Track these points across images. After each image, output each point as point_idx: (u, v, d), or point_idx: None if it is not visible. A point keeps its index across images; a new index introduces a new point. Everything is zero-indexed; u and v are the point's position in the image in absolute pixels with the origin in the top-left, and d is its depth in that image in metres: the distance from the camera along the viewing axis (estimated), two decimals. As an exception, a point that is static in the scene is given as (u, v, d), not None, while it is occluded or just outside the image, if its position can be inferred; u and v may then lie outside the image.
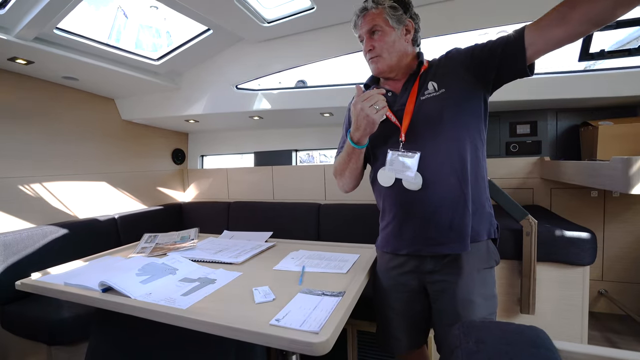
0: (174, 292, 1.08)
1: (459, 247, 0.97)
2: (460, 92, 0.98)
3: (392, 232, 1.08)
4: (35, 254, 1.82)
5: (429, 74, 1.04)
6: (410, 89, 1.04)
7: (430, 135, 0.99)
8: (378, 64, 1.06)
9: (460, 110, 0.98)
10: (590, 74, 1.86)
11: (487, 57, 0.93)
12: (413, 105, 1.01)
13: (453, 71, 1.00)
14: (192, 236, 1.81)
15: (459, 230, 0.97)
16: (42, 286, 1.18)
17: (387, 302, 1.13)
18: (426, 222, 0.99)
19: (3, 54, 1.70)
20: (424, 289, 1.07)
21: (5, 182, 1.88)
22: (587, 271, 1.41)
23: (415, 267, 1.05)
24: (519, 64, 0.89)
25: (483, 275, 1.02)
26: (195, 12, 1.67)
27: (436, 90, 1.00)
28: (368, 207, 2.33)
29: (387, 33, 1.02)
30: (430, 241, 1.00)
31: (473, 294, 0.99)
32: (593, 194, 2.08)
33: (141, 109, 2.55)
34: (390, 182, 1.03)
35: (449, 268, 1.00)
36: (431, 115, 0.98)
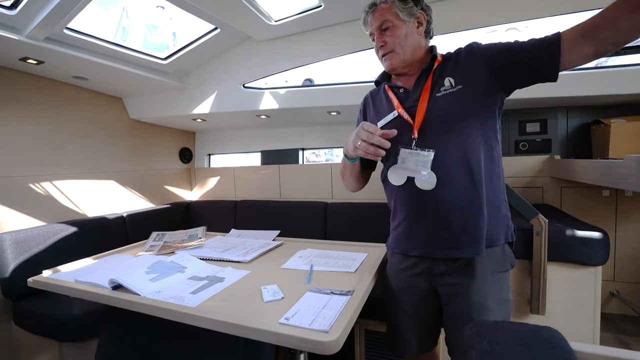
0: (183, 290, 1.08)
1: (472, 251, 0.93)
2: (479, 90, 0.94)
3: (403, 232, 1.06)
4: (46, 252, 1.85)
5: (445, 69, 0.99)
6: (423, 84, 1.00)
7: (444, 133, 0.95)
8: (392, 60, 1.02)
9: (477, 109, 0.94)
10: (601, 71, 1.83)
11: (516, 57, 0.88)
12: (427, 101, 0.97)
13: (473, 67, 0.95)
14: (200, 234, 1.82)
15: (472, 233, 0.93)
16: (54, 283, 1.19)
17: (397, 304, 1.10)
18: (439, 224, 0.96)
19: (14, 54, 1.72)
20: (435, 291, 1.04)
21: (17, 181, 1.91)
22: (599, 271, 1.39)
23: (426, 269, 1.02)
24: (550, 70, 0.84)
25: (497, 279, 0.98)
26: (203, 11, 1.68)
27: (453, 86, 0.96)
28: (375, 205, 2.32)
29: (398, 27, 0.99)
30: (442, 243, 0.96)
31: (487, 297, 0.95)
32: (605, 193, 2.05)
33: (149, 108, 2.57)
34: (402, 180, 1.00)
35: (461, 271, 0.97)
36: (446, 112, 0.95)
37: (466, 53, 0.98)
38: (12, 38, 1.55)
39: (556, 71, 0.84)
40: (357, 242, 1.60)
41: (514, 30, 2.39)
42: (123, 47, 1.92)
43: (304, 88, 2.27)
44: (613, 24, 0.73)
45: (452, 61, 1.00)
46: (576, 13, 1.58)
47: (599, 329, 1.42)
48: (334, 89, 2.18)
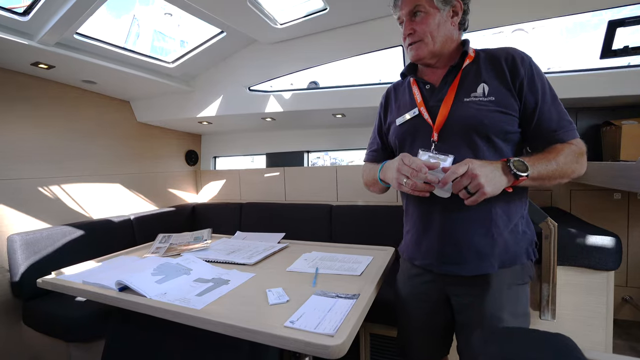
0: (189, 292, 1.09)
1: (476, 269, 0.88)
2: (509, 108, 0.86)
3: (411, 239, 1.02)
4: (55, 253, 1.87)
5: (480, 70, 0.90)
6: (450, 83, 0.92)
7: (463, 143, 0.87)
8: (419, 50, 0.92)
9: (504, 128, 0.87)
10: (612, 71, 1.80)
11: (538, 118, 0.87)
12: (451, 104, 0.90)
13: (507, 83, 0.87)
14: (206, 237, 1.82)
15: (478, 251, 0.88)
16: (62, 284, 1.21)
17: (407, 311, 1.06)
18: (444, 238, 0.91)
19: (26, 59, 1.76)
20: (446, 299, 0.98)
21: (26, 183, 1.94)
22: (612, 277, 1.36)
23: (437, 277, 0.97)
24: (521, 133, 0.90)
25: (515, 292, 0.91)
26: (210, 15, 1.69)
27: (485, 95, 0.87)
28: (381, 208, 2.31)
29: (430, 15, 0.90)
30: (445, 259, 0.92)
31: (501, 310, 0.89)
32: (616, 196, 2.01)
33: (156, 111, 2.60)
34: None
35: (474, 285, 0.91)
36: (471, 122, 0.87)
37: (513, 64, 0.88)
38: (24, 44, 1.58)
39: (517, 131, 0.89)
40: (362, 245, 1.59)
41: (520, 32, 2.37)
42: (131, 51, 1.95)
43: (309, 91, 2.27)
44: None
45: (487, 62, 0.91)
46: (583, 13, 1.57)
47: (612, 336, 1.39)
48: (339, 92, 2.18)
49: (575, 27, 14.45)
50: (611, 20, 1.47)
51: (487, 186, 0.75)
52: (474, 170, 0.75)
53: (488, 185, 0.75)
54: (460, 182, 0.76)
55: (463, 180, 0.76)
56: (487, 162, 0.79)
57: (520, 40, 5.04)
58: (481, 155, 0.86)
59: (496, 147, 0.87)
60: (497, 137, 0.87)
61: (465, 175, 0.75)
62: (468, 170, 0.75)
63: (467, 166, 0.76)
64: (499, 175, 0.77)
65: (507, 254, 0.89)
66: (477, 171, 0.75)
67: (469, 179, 0.75)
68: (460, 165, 0.77)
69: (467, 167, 0.76)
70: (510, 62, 0.88)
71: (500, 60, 0.89)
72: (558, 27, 10.02)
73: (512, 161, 0.78)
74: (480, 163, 0.77)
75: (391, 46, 1.90)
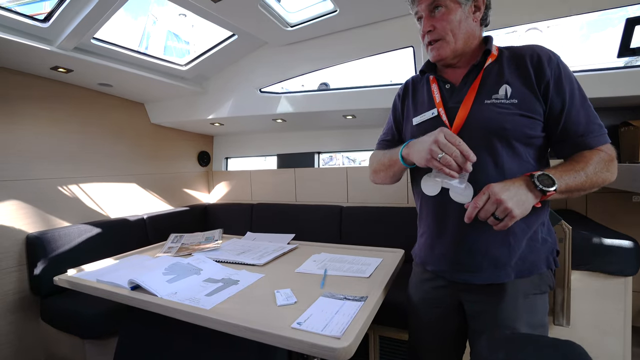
0: (199, 292, 1.10)
1: (490, 278, 0.85)
2: (532, 112, 0.82)
3: (424, 243, 0.99)
4: (71, 251, 1.93)
5: (503, 70, 0.85)
6: (470, 83, 0.87)
7: (483, 146, 0.82)
8: (440, 49, 0.87)
9: (526, 133, 0.82)
10: (630, 70, 1.74)
11: (565, 122, 0.82)
12: (470, 106, 0.85)
13: (531, 85, 0.82)
14: (217, 237, 1.85)
15: (494, 259, 0.84)
16: (77, 282, 1.25)
17: (419, 316, 1.03)
18: (458, 243, 0.88)
19: (46, 64, 1.82)
20: (459, 304, 0.95)
21: (45, 183, 2.00)
22: (630, 282, 1.32)
23: (449, 283, 0.94)
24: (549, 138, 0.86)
25: (532, 301, 0.86)
26: (222, 19, 1.72)
27: (507, 97, 0.82)
28: (391, 209, 2.29)
29: (451, 10, 0.83)
30: (459, 267, 0.89)
31: (517, 321, 0.85)
32: (635, 199, 1.94)
33: (169, 113, 2.65)
34: (436, 191, 0.89)
35: (489, 293, 0.87)
36: (491, 126, 0.82)
37: (539, 64, 0.82)
38: (44, 49, 1.64)
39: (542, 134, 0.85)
40: (372, 247, 1.58)
41: (535, 31, 2.30)
42: (145, 54, 1.99)
43: (319, 92, 2.28)
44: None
45: (516, 64, 0.85)
46: (599, 12, 1.52)
47: (630, 344, 1.34)
48: (349, 93, 2.18)
49: (591, 24, 13.88)
50: (629, 17, 1.43)
51: (516, 209, 0.71)
52: (497, 196, 0.71)
53: (516, 207, 0.71)
54: (487, 210, 0.73)
55: (488, 207, 0.72)
56: (508, 183, 0.74)
57: (535, 39, 4.90)
58: (500, 160, 0.82)
59: (516, 151, 0.83)
60: (519, 141, 0.82)
61: (489, 202, 0.72)
62: (490, 197, 0.72)
63: (487, 194, 0.73)
64: (525, 193, 0.73)
65: (524, 263, 0.85)
66: (501, 196, 0.71)
67: (494, 205, 0.72)
68: (479, 197, 0.74)
69: (487, 195, 0.73)
70: (535, 61, 0.83)
71: (525, 60, 0.84)
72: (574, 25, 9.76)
73: (537, 176, 0.74)
74: (502, 186, 0.73)
75: (401, 47, 1.89)
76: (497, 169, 0.82)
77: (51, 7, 1.58)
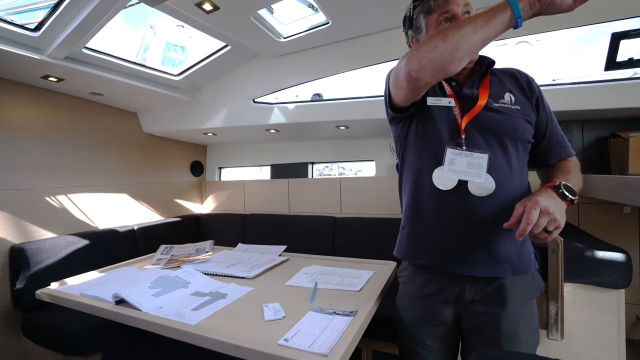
0: (185, 306, 1.07)
1: (486, 270, 0.85)
2: (531, 119, 0.91)
3: (415, 236, 0.96)
4: (58, 263, 1.87)
5: (501, 80, 0.94)
6: (478, 85, 0.93)
7: (496, 143, 0.87)
8: None
9: (527, 137, 0.91)
10: (619, 83, 1.77)
11: (547, 132, 0.94)
12: (483, 105, 0.89)
13: (527, 96, 0.92)
14: (207, 248, 1.82)
15: (493, 252, 0.85)
16: (59, 296, 1.21)
17: (416, 337, 0.97)
18: (461, 236, 0.87)
19: (37, 73, 1.81)
20: (458, 321, 0.94)
21: (32, 193, 1.96)
22: (622, 295, 1.31)
23: (453, 296, 0.91)
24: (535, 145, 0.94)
25: (528, 307, 0.90)
26: (216, 30, 1.72)
27: (512, 103, 0.90)
28: (384, 221, 2.28)
29: None
30: (457, 259, 0.88)
31: (518, 327, 0.86)
32: (626, 210, 1.95)
33: (162, 123, 2.63)
34: (452, 184, 0.87)
35: (492, 298, 0.87)
36: (503, 126, 0.88)
37: (527, 81, 0.95)
38: (35, 58, 1.63)
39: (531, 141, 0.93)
40: (363, 259, 1.56)
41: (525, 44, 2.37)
42: (138, 64, 1.99)
43: (312, 103, 2.29)
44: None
45: (510, 78, 0.95)
46: (587, 26, 1.56)
47: (625, 357, 1.32)
48: (342, 104, 2.19)
49: (581, 38, 14.35)
50: (615, 32, 1.46)
51: (562, 221, 0.73)
52: (549, 209, 0.72)
53: (562, 219, 0.73)
54: (539, 224, 0.71)
55: (541, 220, 0.71)
56: (545, 195, 0.76)
57: (525, 52, 5.02)
58: (510, 159, 0.87)
59: (519, 153, 0.89)
60: (522, 144, 0.90)
61: (542, 216, 0.72)
62: (542, 211, 0.72)
63: (539, 206, 0.72)
64: (560, 203, 0.76)
65: (520, 260, 0.88)
66: (551, 208, 0.72)
67: (546, 218, 0.72)
68: (529, 212, 0.71)
69: (539, 207, 0.72)
70: (524, 79, 0.95)
71: (516, 76, 0.96)
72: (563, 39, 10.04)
73: (563, 186, 0.78)
74: (545, 197, 0.74)
75: (393, 59, 1.91)
76: (509, 168, 0.87)
77: (43, 16, 1.57)
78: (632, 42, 1.38)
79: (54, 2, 1.51)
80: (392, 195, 2.40)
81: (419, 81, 0.81)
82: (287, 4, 1.65)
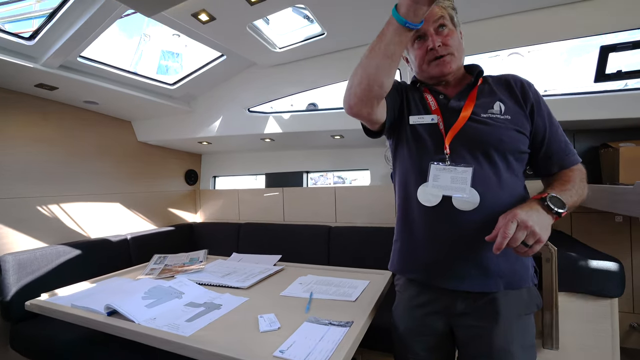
0: (179, 317, 1.06)
1: (477, 285, 0.84)
2: (523, 128, 0.88)
3: (405, 250, 0.96)
4: (49, 273, 1.83)
5: (493, 89, 0.92)
6: (466, 96, 0.91)
7: (481, 156, 0.85)
8: (450, 63, 0.90)
9: (519, 148, 0.87)
10: (609, 94, 1.81)
11: (547, 139, 0.90)
12: (467, 118, 0.88)
13: (520, 105, 0.89)
14: (201, 258, 1.80)
15: (485, 267, 0.84)
16: (50, 307, 1.18)
17: (409, 346, 0.97)
18: (449, 250, 0.86)
19: (30, 81, 1.80)
20: (450, 332, 0.93)
21: (24, 202, 1.93)
22: (616, 303, 1.31)
23: (444, 308, 0.90)
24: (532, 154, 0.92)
25: (523, 322, 0.87)
26: (212, 40, 1.74)
27: (501, 113, 0.87)
28: (379, 230, 2.28)
29: (453, 31, 0.90)
30: (446, 273, 0.87)
31: (511, 343, 0.84)
32: (617, 219, 1.97)
33: (157, 131, 2.62)
34: (436, 200, 0.86)
35: (483, 312, 0.86)
36: (489, 138, 0.85)
37: (522, 88, 0.91)
38: (29, 66, 1.62)
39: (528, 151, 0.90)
40: (359, 269, 1.56)
41: (516, 55, 2.43)
42: (133, 73, 1.99)
43: (308, 112, 2.30)
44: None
45: (503, 86, 0.93)
46: (578, 39, 1.60)
47: (619, 366, 1.33)
48: (337, 114, 2.20)
49: (572, 49, 14.95)
50: (603, 45, 1.51)
51: (543, 234, 0.70)
52: (526, 223, 0.70)
53: (543, 233, 0.71)
54: (517, 238, 0.70)
55: (518, 235, 0.70)
56: (526, 208, 0.74)
57: (516, 63, 5.14)
58: (499, 172, 0.85)
59: (510, 164, 0.86)
60: (512, 155, 0.86)
61: (519, 230, 0.70)
62: (520, 224, 0.70)
63: (516, 220, 0.70)
64: (545, 217, 0.73)
65: (514, 275, 0.86)
66: (530, 222, 0.70)
67: (524, 232, 0.70)
68: (507, 225, 0.70)
69: (517, 220, 0.70)
70: (519, 85, 0.91)
71: (510, 83, 0.92)
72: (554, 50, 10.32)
73: (549, 198, 0.75)
74: (526, 211, 0.72)
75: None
76: (498, 180, 0.85)
77: (38, 25, 1.57)
78: (621, 55, 1.42)
79: (49, 12, 1.51)
80: (387, 205, 2.43)
81: (361, 114, 0.85)
82: (282, 15, 1.67)
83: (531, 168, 0.95)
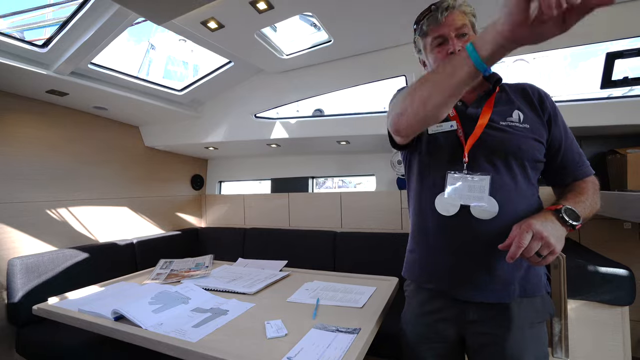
0: (186, 323, 1.06)
1: (494, 296, 0.83)
2: (541, 137, 0.87)
3: (421, 259, 0.95)
4: (56, 277, 1.85)
5: (510, 97, 0.91)
6: (483, 104, 0.90)
7: (501, 164, 0.85)
8: None
9: (536, 157, 0.87)
10: (617, 101, 1.80)
11: (563, 150, 0.90)
12: (485, 125, 0.87)
13: (538, 114, 0.89)
14: (207, 263, 1.80)
15: (501, 276, 0.83)
16: (57, 312, 1.19)
17: (418, 354, 0.96)
18: (467, 260, 0.86)
19: (42, 87, 1.83)
20: (462, 339, 0.92)
21: (34, 206, 1.96)
22: (627, 312, 1.29)
23: (455, 315, 0.89)
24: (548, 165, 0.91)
25: (536, 331, 0.86)
26: (220, 48, 1.76)
27: (520, 121, 0.87)
28: (385, 235, 2.27)
29: (473, 38, 0.84)
30: (463, 283, 0.86)
31: (524, 352, 0.83)
32: (626, 226, 1.95)
33: (164, 136, 2.65)
34: (454, 210, 0.86)
35: (496, 320, 0.85)
36: (508, 146, 0.85)
37: (540, 97, 0.91)
38: (41, 73, 1.66)
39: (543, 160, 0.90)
40: (365, 275, 1.55)
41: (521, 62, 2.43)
42: (142, 79, 2.02)
43: (314, 118, 2.31)
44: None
45: (521, 95, 0.92)
46: (583, 45, 1.60)
47: (631, 377, 1.30)
48: (343, 120, 2.21)
49: (577, 55, 14.79)
50: (609, 52, 1.50)
51: (558, 245, 0.70)
52: (542, 233, 0.69)
53: (558, 244, 0.70)
54: (531, 248, 0.70)
55: (533, 245, 0.69)
56: (541, 219, 0.73)
57: (522, 70, 5.13)
58: (517, 180, 0.85)
59: (527, 174, 0.86)
60: (530, 164, 0.86)
61: (534, 240, 0.70)
62: (535, 235, 0.70)
63: (531, 230, 0.70)
64: (560, 228, 0.73)
65: (528, 282, 0.85)
66: (545, 233, 0.70)
67: (538, 243, 0.70)
68: (521, 235, 0.70)
69: (532, 230, 0.70)
70: (537, 94, 0.91)
71: (527, 92, 0.92)
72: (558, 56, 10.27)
73: (564, 210, 0.75)
74: (541, 222, 0.72)
75: (394, 76, 1.95)
76: (516, 188, 0.84)
77: (51, 33, 1.61)
78: (627, 61, 1.41)
79: (62, 20, 1.55)
80: (393, 211, 2.42)
81: (408, 136, 0.87)
82: (290, 22, 1.70)
83: (544, 178, 0.95)
